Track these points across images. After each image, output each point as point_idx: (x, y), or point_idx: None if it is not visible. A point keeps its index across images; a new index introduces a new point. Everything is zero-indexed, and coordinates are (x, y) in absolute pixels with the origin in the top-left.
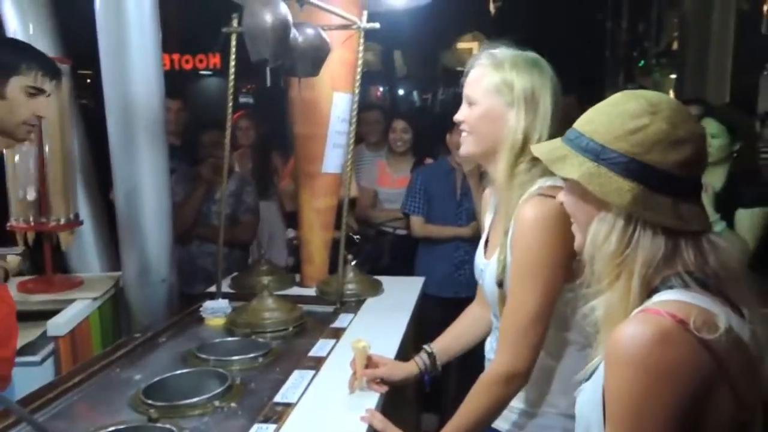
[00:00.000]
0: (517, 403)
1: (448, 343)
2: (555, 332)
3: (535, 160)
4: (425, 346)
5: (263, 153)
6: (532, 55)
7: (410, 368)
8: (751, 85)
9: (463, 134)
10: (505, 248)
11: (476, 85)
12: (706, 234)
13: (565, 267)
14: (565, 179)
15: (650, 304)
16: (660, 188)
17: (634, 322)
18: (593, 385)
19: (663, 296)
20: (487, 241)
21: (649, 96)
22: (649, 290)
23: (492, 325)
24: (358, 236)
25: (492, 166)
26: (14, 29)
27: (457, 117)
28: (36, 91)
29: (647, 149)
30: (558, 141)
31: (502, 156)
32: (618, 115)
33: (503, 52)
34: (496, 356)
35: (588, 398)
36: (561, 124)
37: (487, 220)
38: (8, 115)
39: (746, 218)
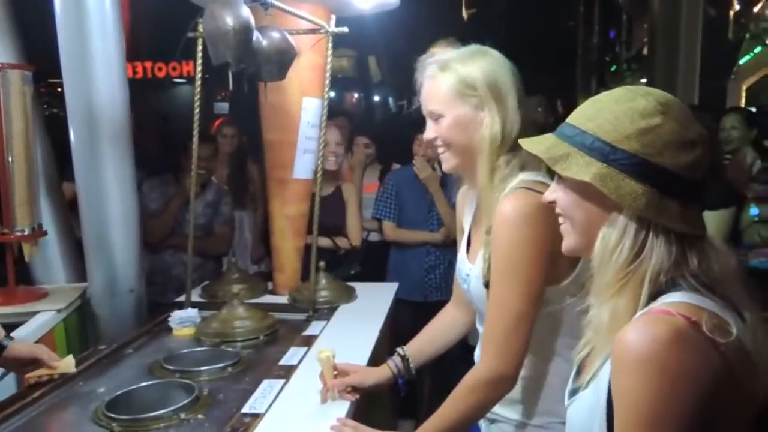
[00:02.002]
0: (513, 414)
1: (422, 345)
2: (550, 338)
3: (514, 152)
4: (398, 349)
5: (239, 161)
6: (476, 46)
7: (382, 373)
8: (718, 88)
9: (440, 151)
10: (489, 246)
11: (434, 97)
12: (705, 238)
13: (548, 265)
14: (561, 176)
15: (658, 305)
16: (670, 191)
17: (645, 323)
18: (593, 392)
19: (670, 298)
20: (469, 244)
21: (657, 94)
22: (653, 293)
23: (479, 330)
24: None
25: (472, 170)
26: None
27: (427, 136)
28: None
29: (659, 150)
30: (552, 137)
31: (483, 157)
32: (626, 112)
33: (445, 54)
34: (481, 359)
35: (586, 406)
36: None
37: (466, 221)
38: None
39: (712, 220)
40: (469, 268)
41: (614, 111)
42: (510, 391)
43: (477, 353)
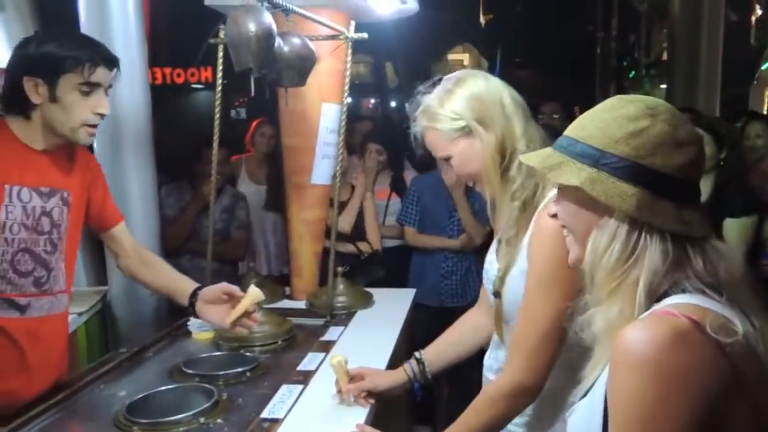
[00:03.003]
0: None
1: (443, 350)
2: (564, 353)
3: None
4: (415, 353)
5: (277, 161)
6: (449, 79)
7: (397, 376)
8: (740, 94)
9: (470, 184)
10: (508, 258)
11: (437, 146)
12: (710, 240)
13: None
14: (559, 188)
15: (661, 306)
16: (663, 192)
17: (646, 323)
18: (590, 400)
19: (675, 299)
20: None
21: (646, 100)
22: (656, 297)
23: (492, 339)
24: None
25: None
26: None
27: (449, 179)
28: (90, 88)
29: (650, 152)
30: (549, 150)
31: (489, 175)
32: (615, 119)
33: (426, 100)
34: (506, 368)
35: (584, 414)
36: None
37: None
38: (64, 118)
39: (734, 228)
40: (495, 268)
41: (604, 118)
42: (531, 404)
43: (486, 359)
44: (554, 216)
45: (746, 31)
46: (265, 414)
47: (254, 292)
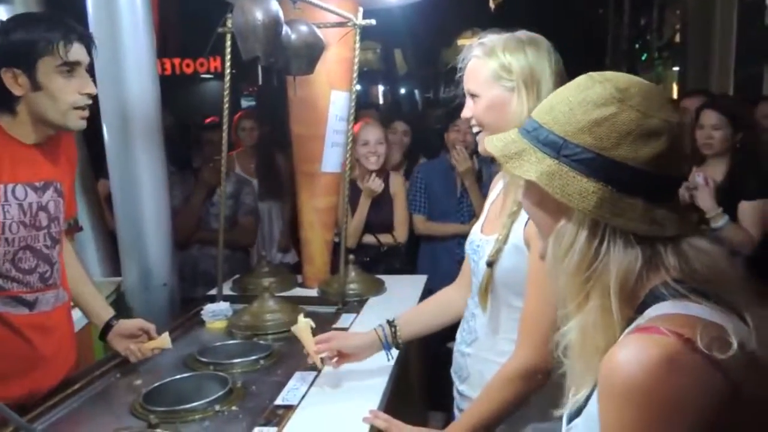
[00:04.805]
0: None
1: (413, 319)
2: None
3: None
4: (388, 318)
5: (265, 152)
6: (524, 34)
7: (367, 338)
8: (755, 76)
9: (475, 131)
10: (507, 230)
11: (475, 77)
12: (686, 238)
13: None
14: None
15: (645, 321)
16: (630, 189)
17: (631, 345)
18: (585, 419)
19: (657, 310)
20: (486, 219)
21: (617, 80)
22: (634, 306)
23: (467, 310)
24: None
25: None
26: None
27: (465, 114)
28: (70, 67)
29: (615, 143)
30: (514, 133)
31: None
32: (580, 103)
33: (494, 38)
34: (516, 350)
35: None
36: None
37: (491, 195)
38: (52, 105)
39: (749, 210)
40: (480, 239)
41: (570, 101)
42: (544, 384)
43: (457, 335)
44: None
45: (761, 10)
46: (279, 401)
47: (165, 339)
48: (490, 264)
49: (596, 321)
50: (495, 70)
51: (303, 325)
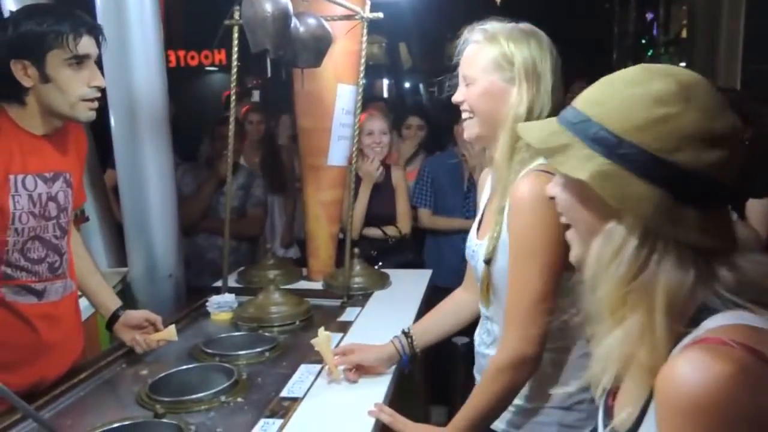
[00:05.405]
0: (516, 399)
1: (427, 326)
2: (571, 327)
3: None
4: (404, 328)
5: (270, 146)
6: (527, 26)
7: (385, 350)
8: (762, 71)
9: (465, 116)
10: (499, 226)
11: (472, 62)
12: (737, 250)
13: (566, 250)
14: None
15: (706, 332)
16: (688, 196)
17: (695, 359)
18: None
19: (715, 321)
20: (480, 222)
21: (679, 75)
22: (684, 320)
23: (481, 315)
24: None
25: (492, 145)
26: None
27: (456, 98)
28: (79, 60)
29: (676, 146)
30: (554, 123)
31: (504, 134)
32: (640, 97)
33: (497, 25)
34: (503, 341)
35: None
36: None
37: (482, 200)
38: (61, 97)
39: (758, 208)
40: (476, 244)
41: (626, 95)
42: (535, 371)
43: (476, 336)
44: (552, 198)
45: None
46: (284, 393)
47: (171, 331)
48: (488, 262)
49: (640, 336)
50: (495, 57)
51: (323, 339)
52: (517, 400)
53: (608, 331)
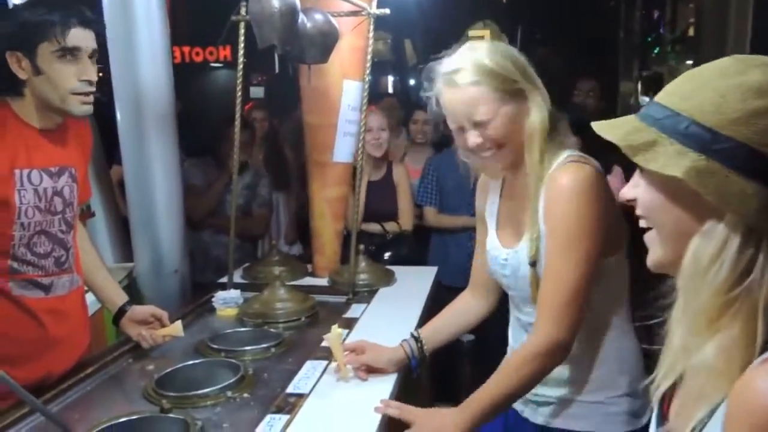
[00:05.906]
0: (564, 393)
1: (436, 329)
2: (608, 311)
3: (552, 132)
4: (412, 332)
5: (273, 143)
6: (480, 44)
7: (395, 353)
8: None
9: (488, 154)
10: (536, 225)
11: (479, 107)
12: None
13: (603, 237)
14: (643, 169)
15: None
16: None
17: None
18: None
19: None
20: (497, 229)
21: None
22: None
23: (516, 322)
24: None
25: (520, 159)
26: None
27: (474, 142)
28: (69, 52)
29: None
30: (633, 120)
31: (535, 143)
32: (735, 89)
33: (458, 62)
34: (536, 328)
35: None
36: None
37: (490, 209)
38: (51, 90)
39: None
40: (506, 253)
41: (719, 87)
42: (564, 359)
43: (510, 336)
44: (630, 201)
45: None
46: (290, 389)
47: (177, 327)
48: (533, 264)
49: (736, 345)
50: (497, 87)
51: (335, 336)
52: (569, 394)
53: (703, 343)
